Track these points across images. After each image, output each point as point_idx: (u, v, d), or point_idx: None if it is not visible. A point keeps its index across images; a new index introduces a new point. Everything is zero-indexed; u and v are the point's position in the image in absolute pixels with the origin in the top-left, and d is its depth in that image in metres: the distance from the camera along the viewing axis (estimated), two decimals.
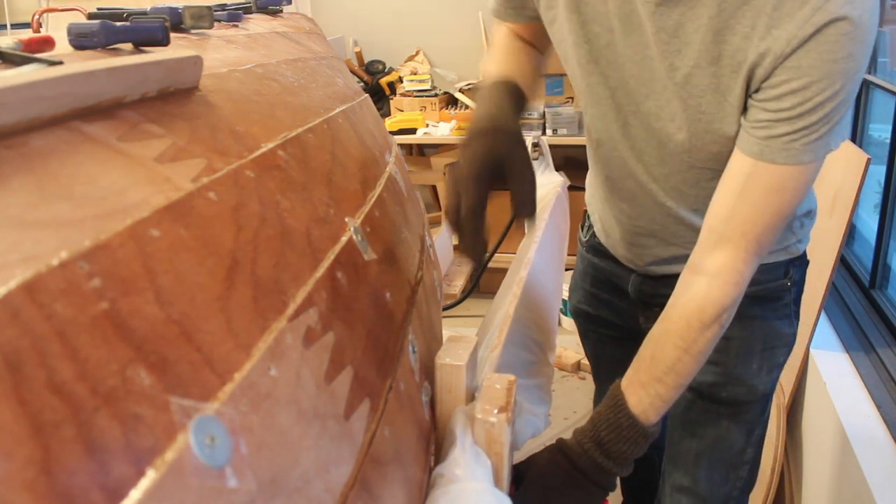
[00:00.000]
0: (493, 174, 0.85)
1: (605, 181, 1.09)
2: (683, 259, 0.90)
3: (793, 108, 0.75)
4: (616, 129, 0.97)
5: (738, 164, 0.81)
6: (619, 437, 0.84)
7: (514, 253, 1.50)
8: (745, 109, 0.81)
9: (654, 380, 0.84)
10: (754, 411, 1.07)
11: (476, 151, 0.85)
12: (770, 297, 1.04)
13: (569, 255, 2.39)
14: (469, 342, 0.82)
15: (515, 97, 0.91)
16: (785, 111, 0.75)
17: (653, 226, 1.05)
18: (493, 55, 1.01)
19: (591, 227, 1.25)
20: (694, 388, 1.06)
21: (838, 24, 0.71)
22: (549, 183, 1.97)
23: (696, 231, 0.89)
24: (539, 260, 1.33)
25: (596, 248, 1.21)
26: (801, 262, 1.08)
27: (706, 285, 0.82)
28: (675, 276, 0.91)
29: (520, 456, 0.89)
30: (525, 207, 0.86)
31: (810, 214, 1.08)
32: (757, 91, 0.78)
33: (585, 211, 1.27)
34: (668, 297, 0.94)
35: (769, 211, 0.80)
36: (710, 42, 0.79)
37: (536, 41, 1.04)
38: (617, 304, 1.19)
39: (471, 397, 0.81)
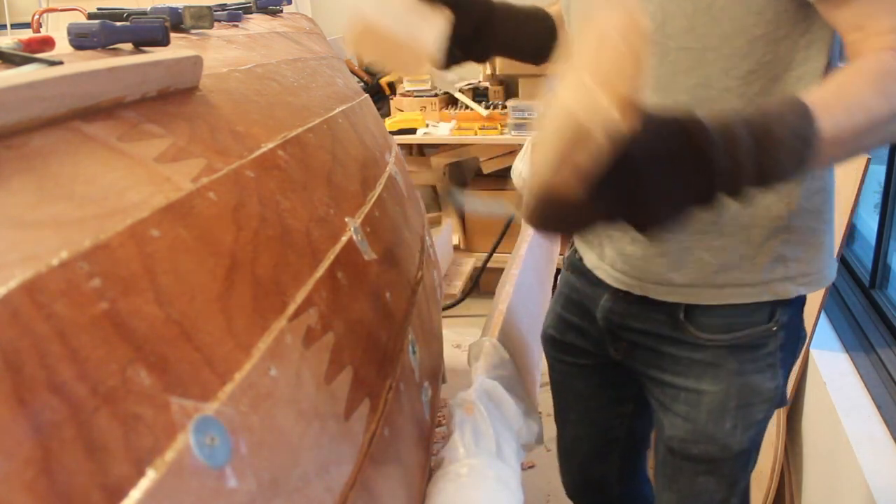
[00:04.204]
0: None
1: None
2: (662, 282, 0.85)
3: None
4: None
5: None
6: (785, 138, 0.59)
7: (512, 252, 1.50)
8: None
9: (840, 106, 0.62)
10: (733, 466, 0.95)
11: None
12: (748, 346, 0.88)
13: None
14: None
15: None
16: None
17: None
18: None
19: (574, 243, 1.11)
20: (665, 441, 0.96)
21: None
22: None
23: None
24: (529, 257, 1.33)
25: (575, 265, 1.04)
26: (794, 304, 0.88)
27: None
28: (647, 304, 0.87)
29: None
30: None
31: (816, 242, 0.85)
32: None
33: None
34: (636, 330, 0.89)
35: None
36: None
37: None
38: (586, 328, 1.02)
39: None
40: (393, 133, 2.73)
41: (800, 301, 0.89)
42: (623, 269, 0.91)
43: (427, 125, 2.89)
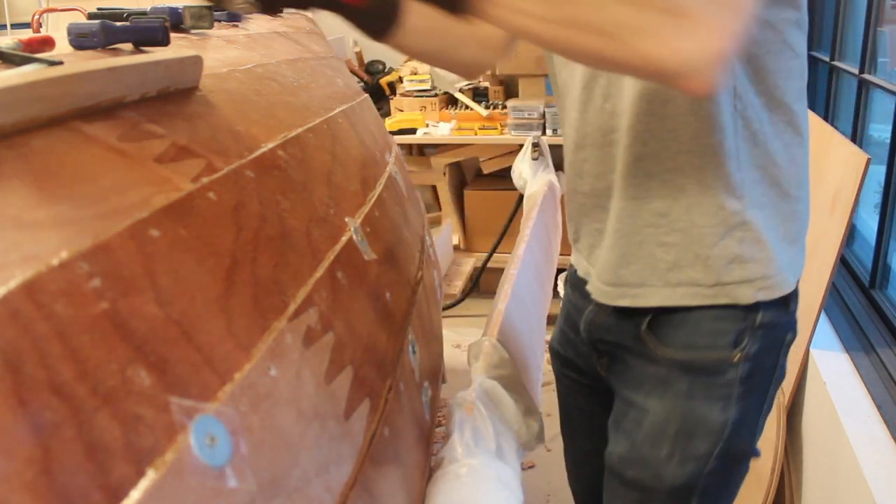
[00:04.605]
0: None
1: None
2: (632, 284, 0.81)
3: None
4: None
5: None
6: None
7: (512, 252, 1.51)
8: None
9: None
10: None
11: None
12: (704, 369, 0.79)
13: (562, 254, 2.41)
14: None
15: None
16: None
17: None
18: None
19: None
20: (607, 458, 0.89)
21: None
22: (538, 182, 1.99)
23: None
24: (528, 257, 1.33)
25: (572, 278, 1.01)
26: (769, 336, 0.79)
27: None
28: (619, 315, 0.84)
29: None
30: None
31: (776, 241, 0.78)
32: None
33: None
34: (610, 343, 0.86)
35: None
36: None
37: None
38: (577, 343, 0.98)
39: None
40: (393, 133, 2.73)
41: (776, 335, 0.81)
42: (594, 273, 0.87)
43: (427, 125, 2.89)
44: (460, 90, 2.99)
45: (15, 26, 3.09)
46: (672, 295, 0.79)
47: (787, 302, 0.80)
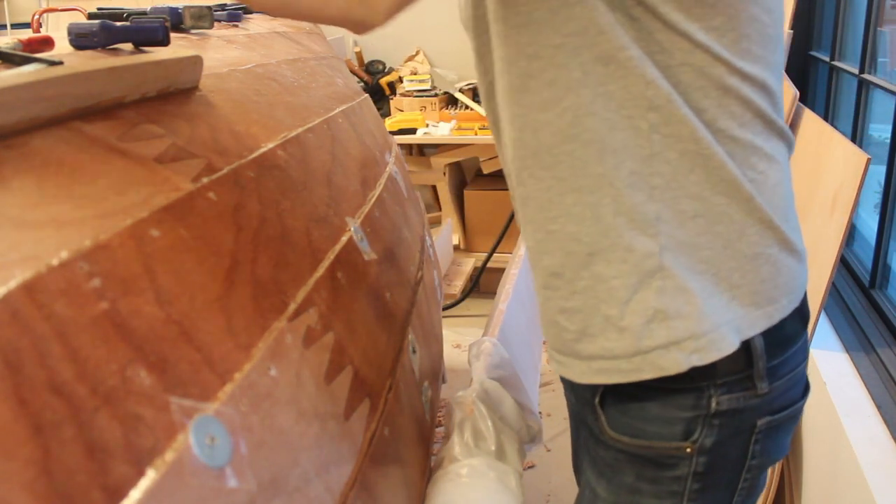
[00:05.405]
0: None
1: None
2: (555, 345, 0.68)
3: None
4: None
5: None
6: None
7: (512, 253, 1.51)
8: None
9: None
10: None
11: None
12: (651, 460, 0.66)
13: None
14: None
15: None
16: None
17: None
18: None
19: None
20: None
21: None
22: None
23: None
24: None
25: None
26: (728, 415, 0.63)
27: None
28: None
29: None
30: None
31: (707, 286, 0.60)
32: None
33: None
34: (575, 406, 0.76)
35: None
36: None
37: None
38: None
39: None
40: (393, 133, 2.74)
41: (740, 422, 0.64)
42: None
43: (427, 125, 2.89)
44: (460, 90, 3.00)
45: (15, 26, 3.09)
46: (587, 371, 0.64)
47: (753, 380, 0.62)
